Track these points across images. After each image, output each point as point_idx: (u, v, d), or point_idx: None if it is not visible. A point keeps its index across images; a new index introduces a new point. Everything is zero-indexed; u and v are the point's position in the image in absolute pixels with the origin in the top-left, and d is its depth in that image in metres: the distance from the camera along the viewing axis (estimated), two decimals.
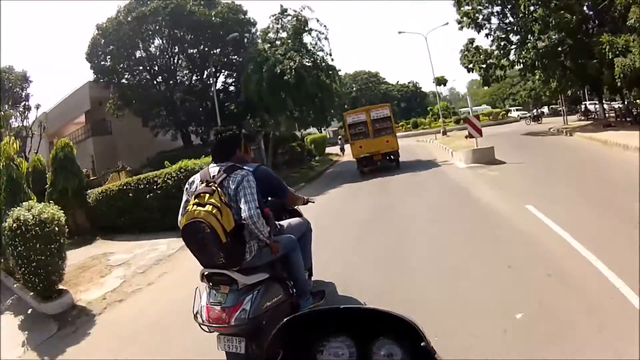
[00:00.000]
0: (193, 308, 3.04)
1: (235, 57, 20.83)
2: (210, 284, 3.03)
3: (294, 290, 3.45)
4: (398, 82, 70.60)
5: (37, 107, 25.75)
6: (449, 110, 52.87)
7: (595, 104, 26.94)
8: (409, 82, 70.78)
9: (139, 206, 10.11)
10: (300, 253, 3.53)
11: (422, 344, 1.13)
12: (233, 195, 2.91)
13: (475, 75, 24.97)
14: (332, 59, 18.99)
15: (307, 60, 17.69)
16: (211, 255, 2.85)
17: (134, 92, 20.30)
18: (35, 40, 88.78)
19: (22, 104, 24.73)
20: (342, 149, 31.82)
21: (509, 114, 45.20)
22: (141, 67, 20.78)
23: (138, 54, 20.08)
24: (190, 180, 3.17)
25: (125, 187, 10.57)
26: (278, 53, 17.12)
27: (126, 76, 20.87)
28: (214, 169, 3.05)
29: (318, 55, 18.47)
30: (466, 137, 15.96)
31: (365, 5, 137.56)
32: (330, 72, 18.80)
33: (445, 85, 57.55)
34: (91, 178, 16.32)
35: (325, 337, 1.30)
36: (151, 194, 9.72)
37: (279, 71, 16.41)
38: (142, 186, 10.05)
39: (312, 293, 3.73)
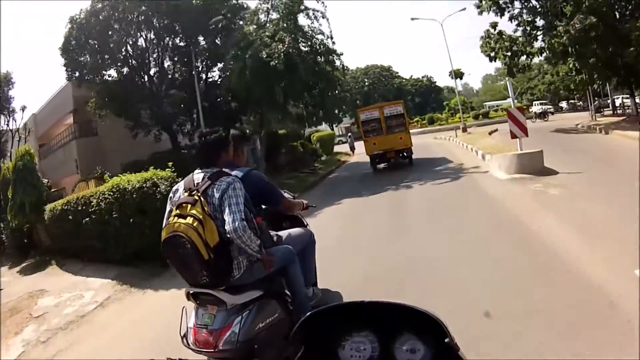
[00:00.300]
0: (180, 329, 2.70)
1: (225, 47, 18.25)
2: (198, 302, 2.72)
3: (293, 306, 3.03)
4: (412, 76, 68.59)
5: (23, 109, 24.67)
6: (466, 105, 50.32)
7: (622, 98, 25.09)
8: (422, 76, 68.75)
9: (78, 231, 8.03)
10: (299, 266, 3.12)
11: (445, 340, 1.12)
12: (218, 205, 2.59)
13: (490, 69, 23.86)
14: (333, 42, 16.22)
15: (303, 44, 15.18)
16: (194, 273, 2.54)
17: (112, 88, 18.07)
18: (17, 38, 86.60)
19: (8, 107, 23.44)
20: (352, 148, 29.59)
21: (530, 109, 41.66)
22: (120, 62, 18.54)
23: (114, 46, 17.80)
24: (174, 188, 2.84)
25: (66, 207, 8.46)
26: (265, 35, 14.39)
27: (103, 72, 18.69)
28: (198, 176, 2.73)
29: (317, 38, 15.81)
30: (490, 133, 15.54)
31: None
32: (330, 57, 15.95)
33: (461, 78, 56.09)
34: (53, 190, 14.24)
35: (348, 332, 1.30)
36: (87, 218, 7.50)
37: (265, 55, 13.72)
38: (80, 207, 7.87)
39: (314, 309, 2.80)
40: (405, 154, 15.36)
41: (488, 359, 2.70)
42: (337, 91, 16.79)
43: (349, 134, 33.83)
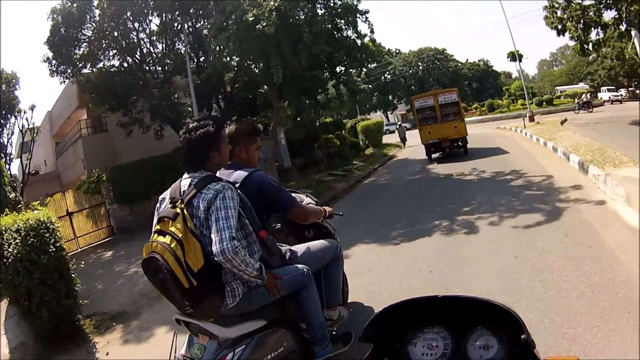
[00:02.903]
0: (170, 355, 2.36)
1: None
2: (189, 328, 2.37)
3: (309, 335, 2.59)
4: (467, 60, 63.76)
5: (32, 108, 23.79)
6: (527, 90, 45.25)
7: None
8: (479, 60, 63.97)
9: None
10: (314, 290, 2.60)
11: (522, 336, 1.08)
12: (204, 220, 2.17)
13: (545, 54, 19.94)
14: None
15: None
16: (176, 302, 2.16)
17: (106, 80, 15.28)
18: (21, 34, 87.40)
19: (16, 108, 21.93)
20: (403, 139, 25.38)
21: (597, 95, 38.08)
22: (111, 50, 15.76)
23: (108, 33, 15.02)
24: (162, 196, 2.44)
25: None
26: None
27: (96, 62, 15.88)
28: (185, 182, 2.32)
29: None
30: (562, 123, 13.47)
31: None
32: (349, 18, 11.40)
33: (520, 60, 51.05)
34: (20, 205, 11.74)
35: (420, 328, 1.27)
36: None
37: (251, 18, 9.73)
38: None
39: (334, 337, 2.79)
40: (460, 143, 14.76)
41: None
42: (364, 66, 12.59)
43: (399, 123, 29.37)
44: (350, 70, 12.39)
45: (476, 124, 33.70)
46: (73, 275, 5.17)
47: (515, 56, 34.76)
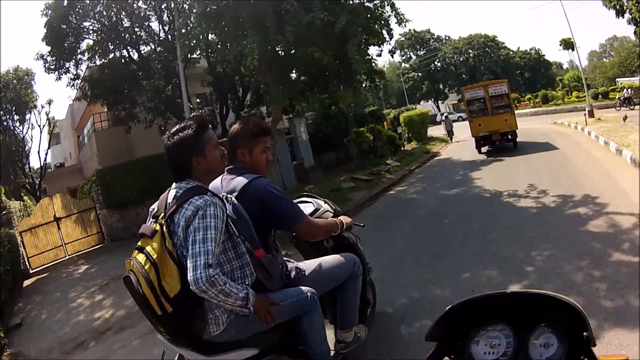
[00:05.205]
0: None
1: None
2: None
3: None
4: (519, 48, 59.18)
5: (50, 102, 23.89)
6: (581, 82, 42.33)
7: None
8: (530, 49, 59.31)
9: None
10: (318, 317, 2.29)
11: (584, 334, 1.07)
12: (184, 239, 1.91)
13: (594, 44, 19.23)
14: None
15: None
16: (153, 325, 1.98)
17: (101, 73, 13.98)
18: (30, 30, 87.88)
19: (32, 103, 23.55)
20: (450, 132, 22.63)
21: None
22: (111, 44, 14.50)
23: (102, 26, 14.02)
24: (152, 206, 2.17)
25: None
26: None
27: (87, 55, 14.77)
28: (172, 193, 2.07)
29: None
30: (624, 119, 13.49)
31: None
32: None
33: (573, 49, 47.36)
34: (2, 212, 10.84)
35: (483, 326, 1.25)
36: None
37: None
38: None
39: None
40: (510, 136, 14.28)
41: None
42: (379, 40, 9.80)
43: (445, 114, 26.41)
44: (364, 46, 9.65)
45: (529, 117, 30.29)
46: None
47: (568, 44, 31.36)
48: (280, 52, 8.68)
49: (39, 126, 23.73)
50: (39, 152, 21.39)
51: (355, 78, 9.71)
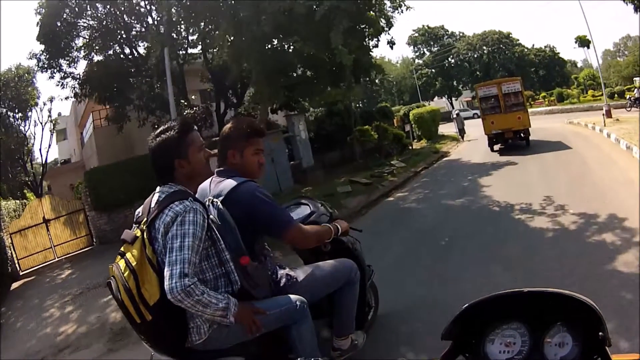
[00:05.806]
0: None
1: None
2: None
3: None
4: (533, 45, 58.34)
5: (51, 99, 24.44)
6: (597, 80, 43.00)
7: None
8: (545, 46, 58.45)
9: None
10: (308, 327, 2.23)
11: (600, 333, 1.05)
12: (163, 246, 1.85)
13: (608, 44, 19.21)
14: None
15: None
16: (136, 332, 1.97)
17: (100, 69, 13.71)
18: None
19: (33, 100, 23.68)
20: (462, 130, 21.92)
21: None
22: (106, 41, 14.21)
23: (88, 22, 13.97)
24: (137, 210, 2.10)
25: None
26: None
27: (82, 52, 14.69)
28: (156, 197, 1.99)
29: None
30: None
31: None
32: None
33: (588, 47, 46.61)
34: None
35: (499, 325, 1.23)
36: None
37: None
38: None
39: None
40: (522, 134, 14.31)
41: None
42: (377, 29, 8.92)
43: (457, 112, 25.53)
44: (365, 41, 8.87)
45: (544, 115, 29.29)
46: None
47: (583, 42, 30.41)
48: (255, 44, 7.85)
49: (41, 123, 23.74)
50: (40, 149, 21.23)
51: (345, 73, 8.87)
